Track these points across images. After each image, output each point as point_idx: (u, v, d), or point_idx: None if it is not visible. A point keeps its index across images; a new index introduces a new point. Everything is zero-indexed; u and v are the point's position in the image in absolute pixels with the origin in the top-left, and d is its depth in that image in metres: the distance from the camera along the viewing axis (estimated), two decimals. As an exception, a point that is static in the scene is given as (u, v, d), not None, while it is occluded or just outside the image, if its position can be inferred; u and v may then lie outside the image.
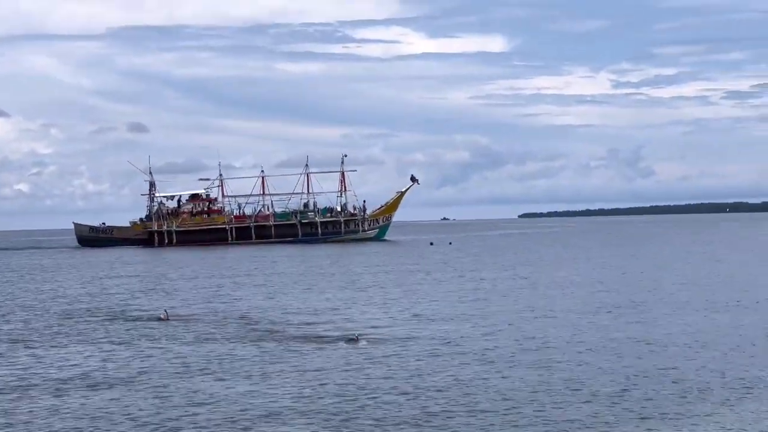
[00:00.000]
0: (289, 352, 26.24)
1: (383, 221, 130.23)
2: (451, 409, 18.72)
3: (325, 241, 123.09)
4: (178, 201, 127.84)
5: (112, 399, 20.41)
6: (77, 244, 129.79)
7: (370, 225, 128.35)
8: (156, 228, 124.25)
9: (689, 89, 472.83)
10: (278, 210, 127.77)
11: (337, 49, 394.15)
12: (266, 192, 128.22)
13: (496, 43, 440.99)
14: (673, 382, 20.85)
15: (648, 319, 32.06)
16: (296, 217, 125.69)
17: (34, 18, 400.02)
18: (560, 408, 18.72)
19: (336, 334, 29.77)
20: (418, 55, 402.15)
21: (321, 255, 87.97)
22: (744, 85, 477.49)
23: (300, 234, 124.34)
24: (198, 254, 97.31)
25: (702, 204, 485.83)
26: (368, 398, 19.86)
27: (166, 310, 35.97)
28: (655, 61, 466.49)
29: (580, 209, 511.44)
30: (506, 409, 18.59)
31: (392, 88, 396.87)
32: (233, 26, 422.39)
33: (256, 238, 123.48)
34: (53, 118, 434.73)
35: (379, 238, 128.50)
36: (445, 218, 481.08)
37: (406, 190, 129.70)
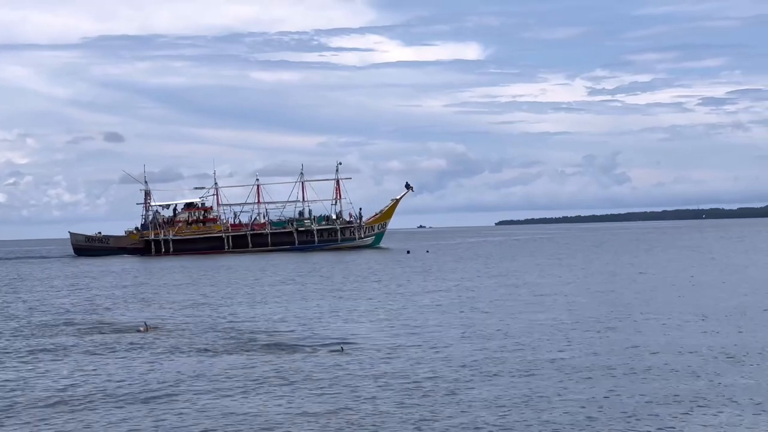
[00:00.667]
0: (267, 363, 25.87)
1: (378, 229, 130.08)
2: (442, 418, 18.56)
3: (321, 249, 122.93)
4: (174, 210, 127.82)
5: (79, 415, 20.04)
6: (73, 253, 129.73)
7: (366, 232, 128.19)
8: (153, 237, 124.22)
9: (664, 96, 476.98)
10: (274, 218, 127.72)
11: (312, 57, 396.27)
12: (261, 200, 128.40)
13: (471, 51, 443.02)
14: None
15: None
16: (293, 225, 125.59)
17: (9, 28, 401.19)
18: (549, 413, 18.61)
19: (320, 343, 29.50)
20: (393, 63, 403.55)
21: (301, 262, 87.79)
22: (719, 91, 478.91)
23: (296, 242, 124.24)
24: (194, 263, 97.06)
25: (678, 210, 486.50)
26: (356, 409, 19.59)
27: (145, 322, 35.67)
28: (630, 68, 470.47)
29: (557, 216, 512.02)
30: (497, 417, 18.39)
31: (368, 96, 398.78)
32: (208, 35, 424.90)
33: (253, 247, 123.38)
34: (29, 128, 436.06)
35: (374, 245, 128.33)
36: (421, 226, 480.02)
37: (401, 198, 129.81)
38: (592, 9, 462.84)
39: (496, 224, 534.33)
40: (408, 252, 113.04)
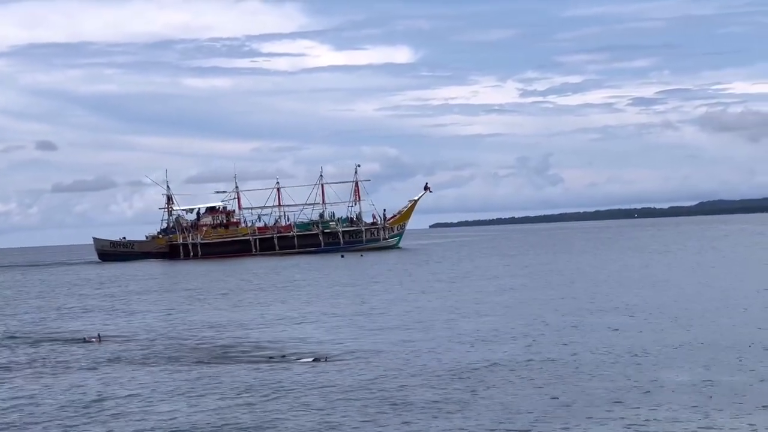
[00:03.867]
0: (226, 373, 25.62)
1: (398, 229, 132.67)
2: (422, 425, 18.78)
3: (346, 250, 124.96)
4: (198, 213, 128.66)
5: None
6: (97, 258, 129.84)
7: (389, 233, 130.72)
8: (181, 241, 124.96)
9: (595, 97, 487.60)
10: (290, 221, 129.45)
11: (244, 63, 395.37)
12: (282, 203, 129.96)
13: (402, 54, 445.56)
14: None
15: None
16: (318, 227, 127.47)
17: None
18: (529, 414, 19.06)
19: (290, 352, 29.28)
20: (325, 67, 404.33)
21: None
22: (649, 91, 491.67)
23: (322, 244, 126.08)
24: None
25: (611, 210, 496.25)
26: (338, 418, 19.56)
27: (99, 333, 35.46)
28: (561, 70, 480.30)
29: (491, 218, 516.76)
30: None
31: (300, 101, 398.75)
32: (139, 42, 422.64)
33: (279, 249, 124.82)
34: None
35: (395, 246, 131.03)
36: None
37: (419, 198, 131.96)
38: (522, 11, 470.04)
39: (430, 227, 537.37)
40: (342, 256, 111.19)
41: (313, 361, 27.13)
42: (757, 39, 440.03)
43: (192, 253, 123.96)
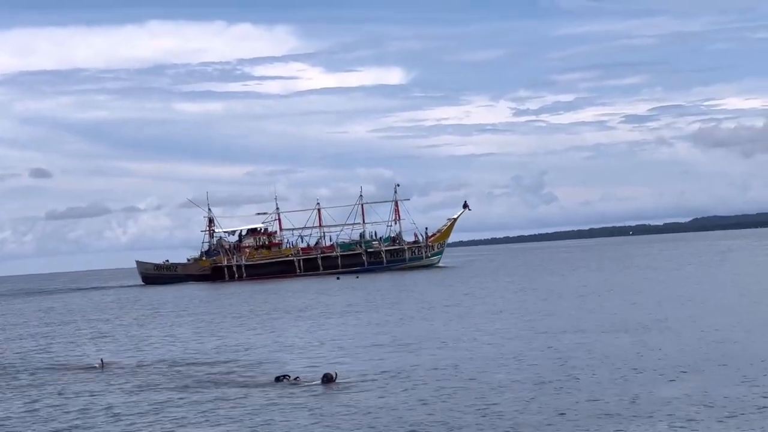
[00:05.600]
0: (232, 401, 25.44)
1: (438, 248, 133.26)
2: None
3: (390, 269, 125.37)
4: (240, 235, 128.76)
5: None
6: (141, 281, 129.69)
7: (431, 251, 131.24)
8: (225, 263, 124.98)
9: (587, 114, 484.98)
10: (330, 242, 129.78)
11: (236, 87, 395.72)
12: (322, 224, 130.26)
13: (394, 76, 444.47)
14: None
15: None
16: (361, 246, 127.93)
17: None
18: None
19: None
20: (317, 90, 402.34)
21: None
22: (641, 108, 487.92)
23: (366, 263, 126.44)
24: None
25: (606, 228, 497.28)
26: None
27: (102, 359, 35.47)
28: (553, 88, 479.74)
29: (486, 238, 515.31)
30: None
31: (293, 124, 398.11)
32: (130, 68, 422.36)
33: (323, 269, 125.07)
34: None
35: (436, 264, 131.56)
36: None
37: (458, 217, 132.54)
38: (513, 31, 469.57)
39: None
40: (338, 278, 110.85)
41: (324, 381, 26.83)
42: (746, 55, 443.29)
43: (237, 275, 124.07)
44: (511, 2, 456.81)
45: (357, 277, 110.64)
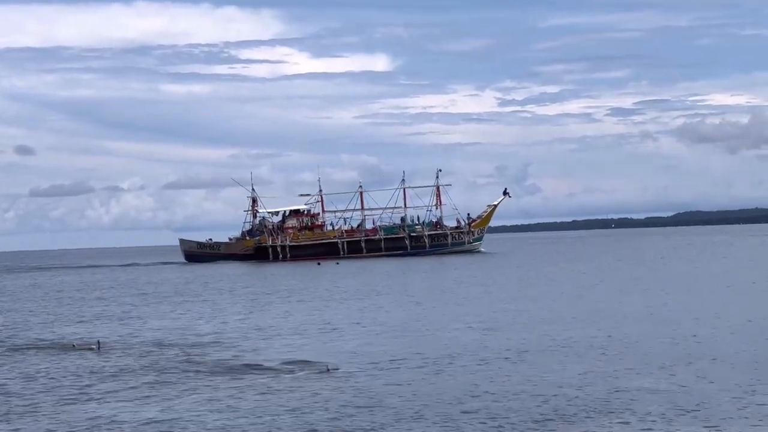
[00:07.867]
0: (232, 384, 25.36)
1: (479, 233, 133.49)
2: None
3: (433, 254, 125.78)
4: (283, 216, 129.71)
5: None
6: (184, 259, 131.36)
7: (473, 237, 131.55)
8: (270, 243, 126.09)
9: (573, 106, 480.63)
10: (370, 225, 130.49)
11: (222, 69, 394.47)
12: (365, 207, 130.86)
13: (380, 63, 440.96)
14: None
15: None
16: (405, 230, 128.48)
17: None
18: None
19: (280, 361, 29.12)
20: (303, 74, 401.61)
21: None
22: (627, 102, 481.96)
23: (408, 247, 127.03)
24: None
25: (588, 220, 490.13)
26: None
27: (99, 340, 35.25)
28: (539, 79, 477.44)
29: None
30: None
31: (278, 108, 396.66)
32: (116, 47, 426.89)
33: (366, 252, 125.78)
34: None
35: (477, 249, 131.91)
36: None
37: (499, 203, 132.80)
38: (499, 21, 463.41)
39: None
40: (318, 264, 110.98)
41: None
42: (732, 51, 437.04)
43: (281, 255, 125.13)
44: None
45: (337, 263, 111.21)
